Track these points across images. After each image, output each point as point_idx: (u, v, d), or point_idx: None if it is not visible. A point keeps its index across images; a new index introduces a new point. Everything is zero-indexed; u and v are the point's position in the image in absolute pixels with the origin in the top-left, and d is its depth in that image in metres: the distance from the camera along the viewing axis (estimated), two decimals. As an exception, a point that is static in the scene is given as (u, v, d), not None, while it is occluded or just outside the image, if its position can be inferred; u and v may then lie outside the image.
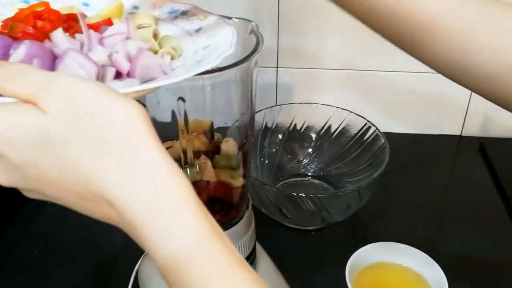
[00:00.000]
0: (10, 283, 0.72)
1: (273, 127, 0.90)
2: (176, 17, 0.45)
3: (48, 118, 0.28)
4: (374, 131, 0.83)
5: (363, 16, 0.48)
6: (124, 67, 0.35)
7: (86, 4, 0.47)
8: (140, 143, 0.29)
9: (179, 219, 0.29)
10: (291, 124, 0.90)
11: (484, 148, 0.98)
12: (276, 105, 0.90)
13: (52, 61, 0.33)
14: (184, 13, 0.45)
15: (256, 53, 0.50)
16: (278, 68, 0.97)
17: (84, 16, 0.39)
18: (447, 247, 0.79)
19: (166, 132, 0.54)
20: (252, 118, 0.59)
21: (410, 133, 1.03)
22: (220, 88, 0.53)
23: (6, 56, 0.33)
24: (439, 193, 0.91)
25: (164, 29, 0.44)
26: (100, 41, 0.37)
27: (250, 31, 0.53)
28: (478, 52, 0.44)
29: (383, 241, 0.70)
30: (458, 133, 1.03)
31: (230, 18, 0.54)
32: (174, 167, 0.30)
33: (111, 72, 0.35)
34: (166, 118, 0.54)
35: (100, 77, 0.34)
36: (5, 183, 0.31)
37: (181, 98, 0.49)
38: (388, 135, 0.99)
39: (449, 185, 0.93)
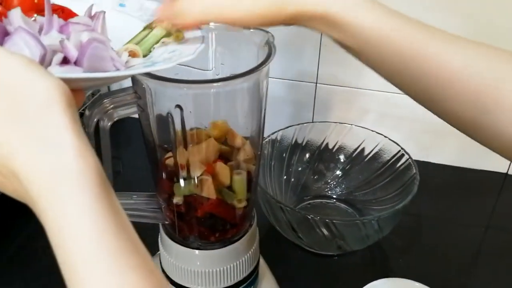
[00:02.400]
0: (24, 271, 0.74)
1: (303, 144, 0.87)
2: None
3: None
4: (407, 159, 0.78)
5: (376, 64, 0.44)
6: (72, 54, 0.35)
7: (122, 5, 0.47)
8: (52, 119, 0.29)
9: (75, 199, 0.29)
10: (322, 143, 0.87)
11: (532, 190, 0.90)
12: (309, 122, 0.87)
13: (2, 37, 0.34)
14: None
15: (266, 64, 0.48)
16: (317, 84, 0.94)
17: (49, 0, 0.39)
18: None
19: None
20: (260, 137, 0.56)
21: (451, 165, 0.97)
22: (226, 98, 0.51)
23: None
24: (475, 234, 0.84)
25: (137, 28, 0.44)
26: (61, 28, 0.37)
27: (266, 42, 0.51)
28: (503, 111, 0.38)
29: (402, 277, 0.66)
30: (505, 171, 0.95)
31: (248, 28, 0.53)
32: (84, 149, 0.29)
33: (58, 57, 0.35)
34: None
35: (47, 61, 0.34)
36: None
37: (179, 106, 0.47)
38: (426, 165, 0.94)
39: (488, 226, 0.86)
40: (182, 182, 0.52)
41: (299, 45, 0.91)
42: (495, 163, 0.95)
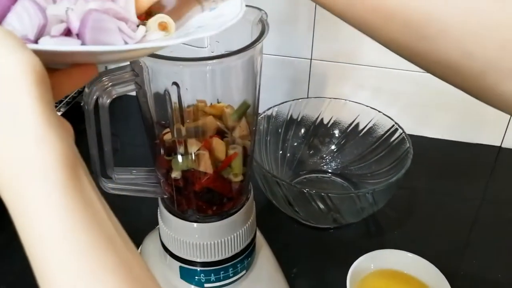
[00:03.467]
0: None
1: (299, 119, 0.88)
2: None
3: None
4: (401, 134, 0.80)
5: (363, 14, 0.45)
6: (74, 25, 0.33)
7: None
8: (16, 98, 0.26)
9: (38, 192, 0.26)
10: (317, 118, 0.88)
11: (526, 163, 0.92)
12: (304, 98, 0.88)
13: (8, 5, 0.32)
14: None
15: (260, 41, 0.49)
16: (312, 60, 0.95)
17: None
18: (465, 265, 0.75)
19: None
20: (255, 113, 0.57)
21: (445, 139, 0.98)
22: (222, 75, 0.52)
23: None
24: (468, 206, 0.86)
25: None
26: None
27: (259, 20, 0.52)
28: (435, 36, 0.40)
29: (397, 249, 0.68)
30: (498, 144, 0.97)
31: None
32: (49, 131, 0.27)
33: (58, 27, 0.33)
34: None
35: (46, 31, 0.33)
36: None
37: (175, 83, 0.48)
38: (421, 139, 0.96)
39: (481, 199, 0.88)
40: (179, 157, 0.54)
41: (293, 22, 0.91)
42: (489, 137, 0.96)
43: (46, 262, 0.26)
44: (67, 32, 0.34)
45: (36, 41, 0.32)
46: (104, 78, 0.48)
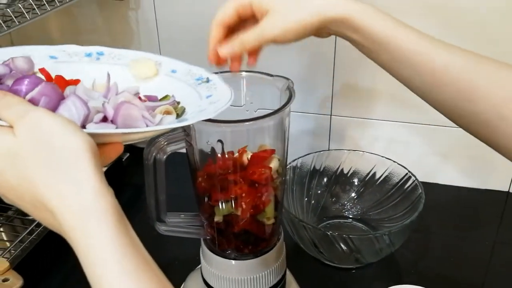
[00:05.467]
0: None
1: (321, 170, 0.97)
2: (199, 84, 0.55)
3: (17, 140, 0.37)
4: (414, 181, 0.88)
5: (379, 60, 0.56)
6: (109, 113, 0.45)
7: (173, 71, 0.57)
8: (80, 168, 0.37)
9: (98, 231, 0.37)
10: (338, 168, 0.97)
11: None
12: (326, 150, 0.98)
13: (58, 101, 0.44)
14: (207, 81, 0.55)
15: (288, 105, 0.59)
16: (332, 116, 1.05)
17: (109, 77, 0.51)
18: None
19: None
20: (285, 164, 0.67)
21: (456, 185, 1.06)
22: (257, 132, 0.62)
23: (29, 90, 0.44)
24: (482, 248, 0.92)
25: (183, 90, 0.54)
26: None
27: (286, 87, 0.62)
28: (478, 100, 0.51)
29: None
30: (506, 189, 1.04)
31: (271, 75, 0.64)
32: (105, 191, 0.38)
33: (98, 116, 0.45)
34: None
35: (89, 119, 0.44)
36: None
37: (220, 141, 0.58)
38: (434, 186, 1.04)
39: (494, 241, 0.94)
40: (221, 203, 0.63)
41: (314, 82, 1.02)
42: (497, 183, 1.04)
43: (103, 278, 0.36)
44: (104, 119, 0.45)
45: (83, 127, 0.44)
46: (160, 139, 0.58)
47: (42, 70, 0.52)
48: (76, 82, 0.51)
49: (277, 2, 0.55)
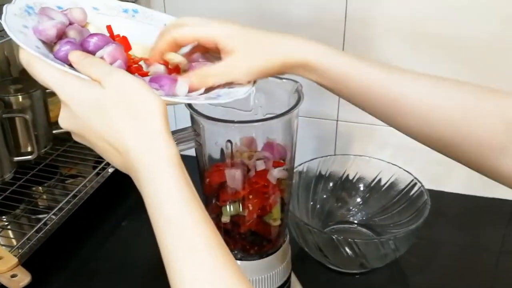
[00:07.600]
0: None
1: (327, 175, 0.97)
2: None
3: (104, 91, 0.44)
4: (420, 187, 0.88)
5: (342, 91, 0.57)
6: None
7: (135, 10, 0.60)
8: (153, 121, 0.44)
9: (167, 172, 0.43)
10: (344, 174, 0.98)
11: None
12: (332, 155, 0.98)
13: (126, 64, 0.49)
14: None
15: (297, 107, 0.60)
16: (338, 122, 1.05)
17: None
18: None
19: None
20: (291, 166, 0.67)
21: (462, 193, 1.06)
22: (266, 134, 0.63)
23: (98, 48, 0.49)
24: (488, 257, 0.92)
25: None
26: None
27: (295, 90, 0.63)
28: (438, 123, 0.52)
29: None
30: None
31: (281, 78, 0.65)
32: (172, 143, 0.44)
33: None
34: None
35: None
36: (63, 124, 0.46)
37: (229, 141, 0.59)
38: (440, 194, 1.04)
39: (497, 251, 0.94)
40: (229, 204, 0.64)
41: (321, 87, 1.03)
42: (503, 191, 1.04)
43: (172, 213, 0.42)
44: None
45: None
46: (169, 138, 0.59)
47: (109, 28, 0.55)
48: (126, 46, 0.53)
49: (244, 45, 0.55)
